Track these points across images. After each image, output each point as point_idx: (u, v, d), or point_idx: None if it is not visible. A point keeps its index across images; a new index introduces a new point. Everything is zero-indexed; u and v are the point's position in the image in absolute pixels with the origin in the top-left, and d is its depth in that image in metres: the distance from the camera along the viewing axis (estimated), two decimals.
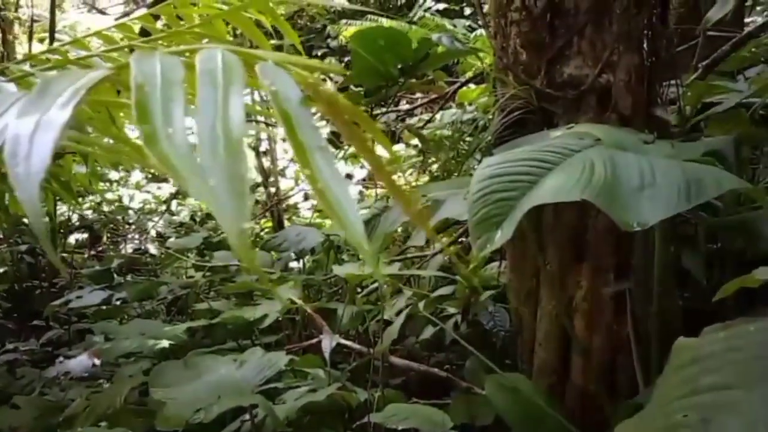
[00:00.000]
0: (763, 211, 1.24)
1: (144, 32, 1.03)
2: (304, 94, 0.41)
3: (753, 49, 1.66)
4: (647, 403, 0.66)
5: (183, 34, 0.76)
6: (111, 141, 0.78)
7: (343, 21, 5.69)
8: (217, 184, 0.34)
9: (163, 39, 0.76)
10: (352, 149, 3.99)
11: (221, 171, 0.34)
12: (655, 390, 0.62)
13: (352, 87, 2.04)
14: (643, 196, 0.94)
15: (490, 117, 1.58)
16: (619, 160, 1.02)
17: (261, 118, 2.51)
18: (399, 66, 1.66)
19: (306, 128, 0.39)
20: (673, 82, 1.50)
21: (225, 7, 0.84)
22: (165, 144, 0.34)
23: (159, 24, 1.03)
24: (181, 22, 0.88)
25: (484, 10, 1.78)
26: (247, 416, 1.50)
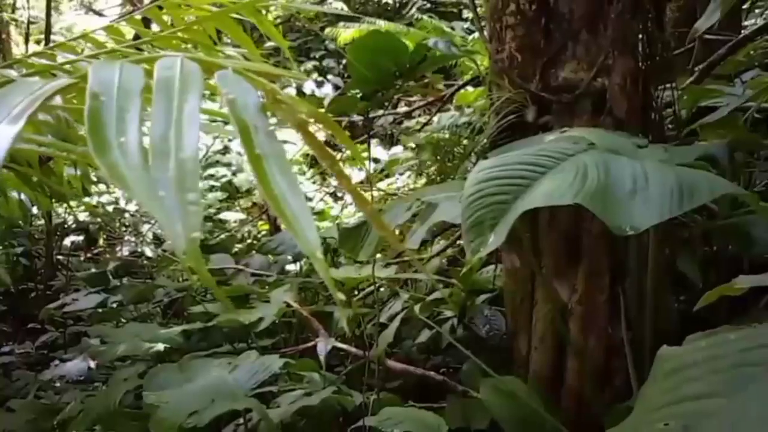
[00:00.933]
0: (757, 215, 1.24)
1: (138, 36, 1.03)
2: (262, 101, 0.41)
3: (751, 52, 1.66)
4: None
5: (169, 39, 0.76)
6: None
7: (341, 23, 5.70)
8: (166, 195, 0.34)
9: (150, 42, 0.76)
10: (348, 152, 3.99)
11: (171, 182, 0.34)
12: (639, 398, 0.62)
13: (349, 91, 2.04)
14: (635, 201, 0.94)
15: (486, 120, 1.59)
16: (613, 164, 1.02)
17: None
18: (395, 71, 1.67)
19: (262, 137, 0.39)
20: (668, 85, 1.50)
21: (215, 9, 0.84)
22: (115, 154, 0.34)
23: (155, 27, 1.03)
24: (171, 26, 0.88)
25: (480, 14, 1.78)
26: (241, 420, 1.49)
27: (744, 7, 1.83)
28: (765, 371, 0.56)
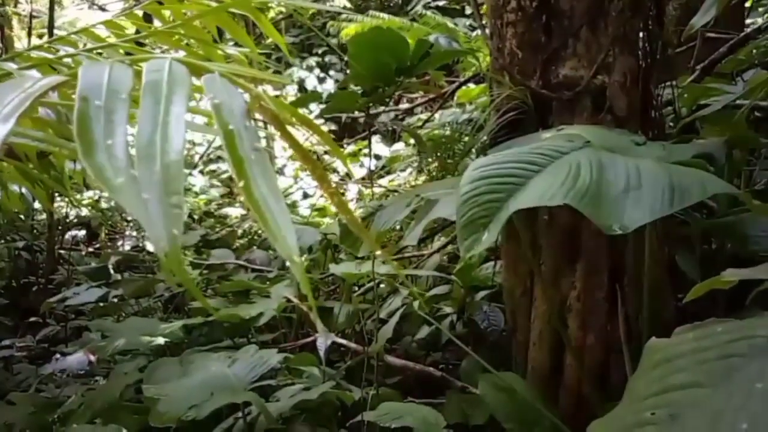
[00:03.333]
0: (751, 213, 1.25)
1: (139, 31, 1.03)
2: (247, 107, 0.41)
3: (753, 51, 1.66)
4: None
5: (169, 34, 0.77)
6: None
7: (343, 16, 5.66)
8: (151, 197, 0.34)
9: (150, 36, 0.77)
10: (350, 148, 3.99)
11: (156, 185, 0.35)
12: (627, 389, 0.63)
13: (351, 86, 2.05)
14: (626, 200, 0.95)
15: (487, 117, 1.59)
16: (606, 162, 1.03)
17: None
18: (397, 67, 1.67)
19: (246, 142, 0.40)
20: (669, 84, 1.50)
21: (215, 5, 0.85)
22: (102, 156, 0.35)
23: (156, 23, 1.03)
24: (172, 22, 0.88)
25: (481, 11, 1.78)
26: (240, 414, 1.50)
27: (747, 5, 1.83)
28: (749, 361, 0.57)
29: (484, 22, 1.68)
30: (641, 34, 1.47)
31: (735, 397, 0.54)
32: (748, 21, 1.97)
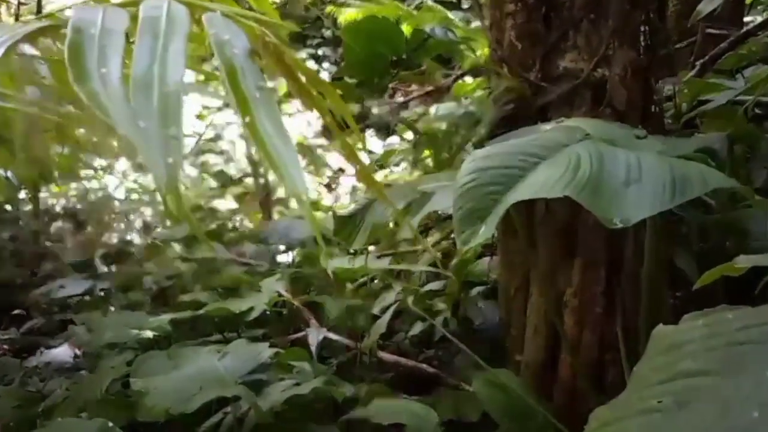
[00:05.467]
0: (753, 209, 1.24)
1: None
2: (251, 46, 0.39)
3: (753, 48, 1.65)
4: None
5: None
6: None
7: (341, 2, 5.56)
8: (148, 126, 0.32)
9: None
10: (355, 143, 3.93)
11: (153, 114, 0.33)
12: (632, 376, 0.62)
13: (345, 78, 2.02)
14: (627, 193, 0.94)
15: (485, 109, 1.57)
16: (607, 155, 1.01)
17: None
18: (391, 57, 1.64)
19: (250, 79, 0.39)
20: (669, 78, 1.49)
21: None
22: (96, 83, 0.33)
23: None
24: None
25: (480, 2, 1.76)
26: (230, 408, 1.47)
27: (747, 1, 1.82)
28: (761, 349, 0.55)
29: (482, 12, 1.66)
30: (642, 28, 1.45)
31: (745, 385, 0.53)
32: (748, 18, 1.96)
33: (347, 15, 1.69)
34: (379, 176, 3.41)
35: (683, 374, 0.58)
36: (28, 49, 0.85)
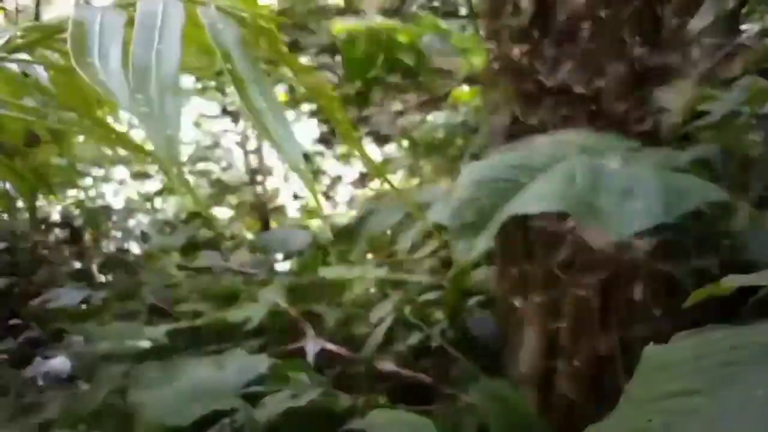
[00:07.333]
0: (749, 222, 1.25)
1: None
2: (242, 34, 0.44)
3: (749, 58, 1.65)
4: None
5: None
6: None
7: (337, 15, 5.59)
8: (146, 99, 0.36)
9: None
10: (343, 149, 3.97)
11: (152, 89, 0.36)
12: (624, 395, 0.62)
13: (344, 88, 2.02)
14: (622, 207, 0.95)
15: (481, 120, 1.58)
16: (602, 168, 1.03)
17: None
18: (389, 69, 1.66)
19: (243, 63, 0.43)
20: (664, 89, 1.50)
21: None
22: (96, 62, 0.36)
23: None
24: None
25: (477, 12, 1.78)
26: (227, 420, 1.47)
27: (743, 11, 1.83)
28: (748, 369, 0.56)
29: (480, 23, 1.67)
30: (637, 39, 1.47)
31: (733, 404, 0.53)
32: (744, 27, 1.97)
33: (339, 27, 1.70)
34: (377, 184, 3.42)
35: (672, 394, 0.58)
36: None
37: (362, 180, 3.73)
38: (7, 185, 1.43)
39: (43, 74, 0.72)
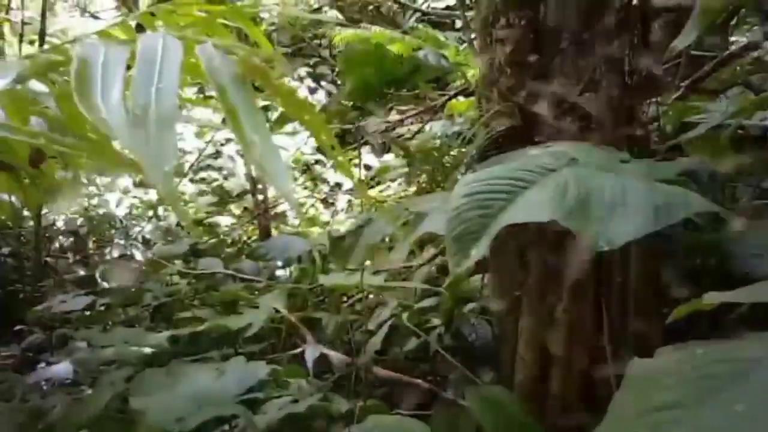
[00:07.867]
0: (737, 231, 1.27)
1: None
2: (238, 70, 0.46)
3: (737, 68, 1.69)
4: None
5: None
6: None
7: (338, 28, 5.64)
8: (146, 131, 0.38)
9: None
10: (339, 158, 3.98)
11: (151, 126, 0.38)
12: (610, 407, 0.65)
13: (343, 101, 2.06)
14: (613, 217, 0.97)
15: (475, 131, 1.61)
16: (593, 180, 1.05)
17: None
18: (387, 81, 1.69)
19: (237, 97, 0.46)
20: (654, 101, 1.53)
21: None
22: (98, 100, 0.39)
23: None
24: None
25: (471, 26, 1.81)
26: (227, 426, 1.50)
27: (732, 23, 1.87)
28: (729, 383, 0.59)
29: (473, 36, 1.71)
30: (627, 52, 1.50)
31: (716, 418, 0.56)
32: (732, 38, 2.01)
33: (340, 36, 1.74)
34: (375, 191, 3.45)
35: (658, 406, 0.61)
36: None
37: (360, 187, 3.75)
38: (14, 198, 1.47)
39: (51, 104, 0.76)
